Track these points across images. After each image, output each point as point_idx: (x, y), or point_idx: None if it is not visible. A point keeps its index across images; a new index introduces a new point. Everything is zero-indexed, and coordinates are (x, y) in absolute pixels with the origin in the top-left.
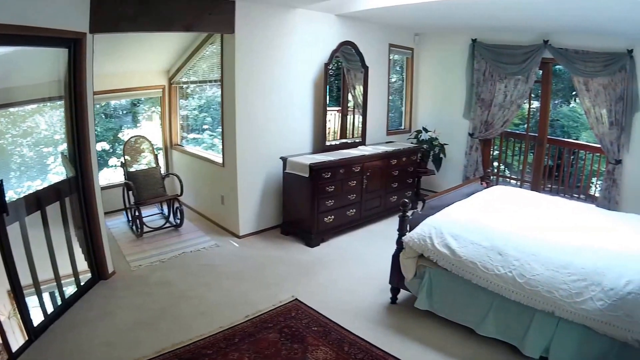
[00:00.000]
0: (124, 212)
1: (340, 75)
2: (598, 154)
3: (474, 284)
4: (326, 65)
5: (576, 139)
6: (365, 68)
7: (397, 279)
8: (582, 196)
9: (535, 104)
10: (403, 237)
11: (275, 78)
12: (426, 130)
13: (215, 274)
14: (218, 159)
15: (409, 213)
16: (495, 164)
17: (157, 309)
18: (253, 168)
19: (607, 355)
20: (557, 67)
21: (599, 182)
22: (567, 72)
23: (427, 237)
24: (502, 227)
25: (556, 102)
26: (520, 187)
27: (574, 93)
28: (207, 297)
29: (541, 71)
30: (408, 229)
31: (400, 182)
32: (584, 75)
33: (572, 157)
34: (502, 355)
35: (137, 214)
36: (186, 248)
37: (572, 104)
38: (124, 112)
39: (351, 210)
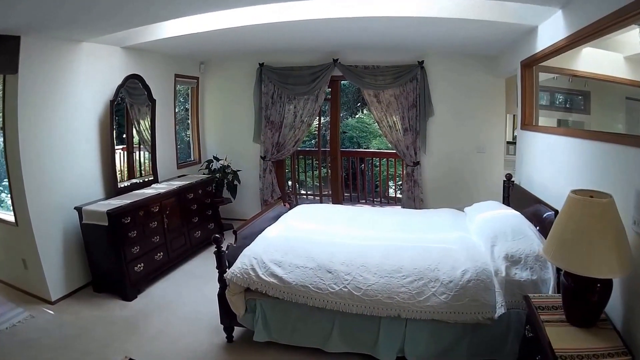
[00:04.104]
0: None
1: (123, 110)
2: (393, 159)
3: (311, 306)
4: (112, 102)
5: (367, 148)
6: (153, 101)
7: (228, 317)
8: (383, 199)
9: (323, 120)
10: (224, 275)
11: (63, 120)
12: (217, 159)
13: (39, 348)
14: (10, 217)
15: (224, 247)
16: (290, 183)
17: None
18: (50, 223)
19: (462, 338)
20: (342, 81)
21: (398, 184)
22: (351, 85)
23: (249, 269)
24: (324, 244)
25: (341, 114)
26: (320, 201)
27: (358, 105)
28: None
29: (330, 89)
30: (227, 264)
31: (200, 215)
32: (374, 89)
33: (362, 165)
34: None
35: None
36: (1, 325)
37: (359, 115)
38: None
39: (159, 254)
